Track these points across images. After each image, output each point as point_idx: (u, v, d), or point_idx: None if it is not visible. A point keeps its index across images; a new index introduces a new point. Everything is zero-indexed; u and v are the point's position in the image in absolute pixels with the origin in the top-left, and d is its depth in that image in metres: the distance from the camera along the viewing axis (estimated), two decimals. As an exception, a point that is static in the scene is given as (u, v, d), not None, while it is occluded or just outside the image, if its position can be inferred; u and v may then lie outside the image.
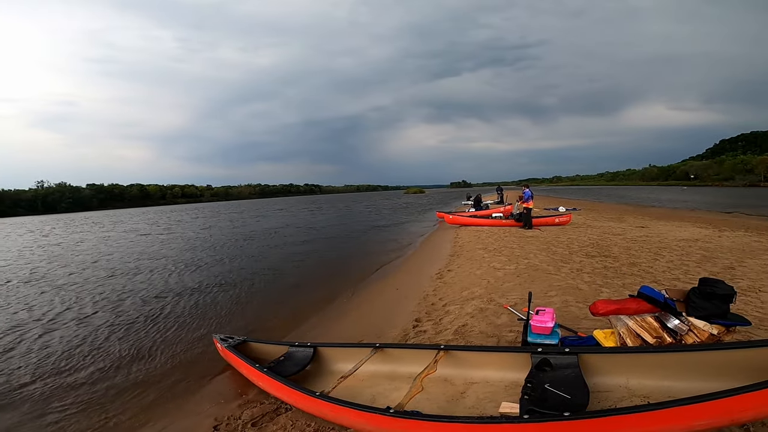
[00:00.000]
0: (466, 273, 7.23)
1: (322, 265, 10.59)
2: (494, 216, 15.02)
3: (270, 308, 6.76)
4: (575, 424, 1.87)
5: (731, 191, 58.90)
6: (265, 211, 44.48)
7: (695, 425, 1.78)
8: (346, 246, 14.00)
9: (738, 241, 9.00)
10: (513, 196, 22.69)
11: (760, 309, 4.32)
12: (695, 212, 21.08)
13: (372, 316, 5.76)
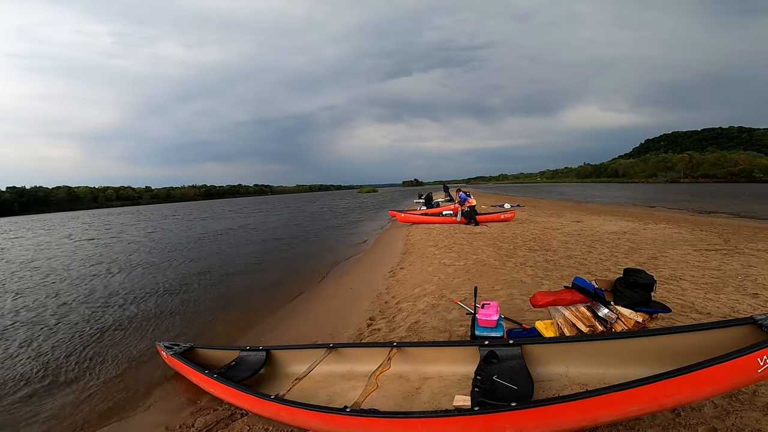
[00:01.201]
0: (418, 270, 7.39)
1: (274, 267, 10.34)
2: (444, 213, 15.45)
3: (219, 313, 6.52)
4: (521, 414, 1.98)
5: (655, 187, 64.91)
6: (213, 213, 42.58)
7: (629, 411, 1.93)
8: (298, 247, 13.77)
9: (660, 233, 9.94)
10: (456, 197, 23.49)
11: (680, 296, 4.80)
12: (623, 207, 22.99)
13: (326, 317, 5.73)
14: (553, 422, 1.99)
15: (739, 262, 6.47)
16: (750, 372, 1.82)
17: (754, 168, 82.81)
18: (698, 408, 2.43)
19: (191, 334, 5.63)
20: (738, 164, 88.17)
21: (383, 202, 45.61)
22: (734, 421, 2.29)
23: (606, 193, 44.16)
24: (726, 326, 2.19)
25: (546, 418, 1.98)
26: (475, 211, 13.82)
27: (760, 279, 5.39)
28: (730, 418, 2.32)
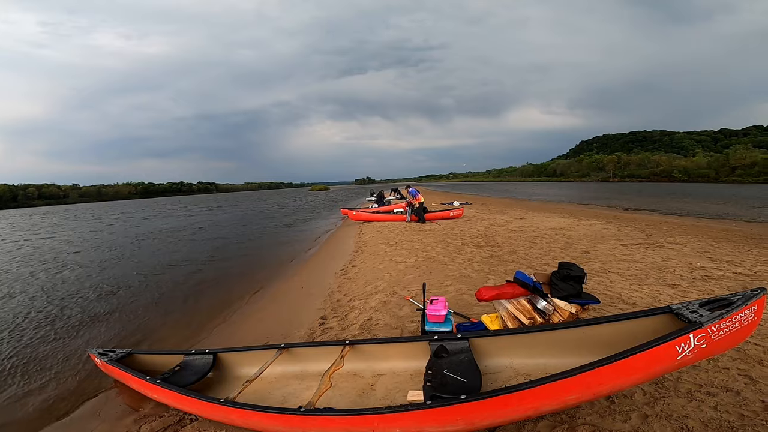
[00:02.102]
0: (369, 268, 7.44)
1: (222, 267, 9.94)
2: (396, 211, 15.65)
3: (161, 317, 6.18)
4: (471, 406, 2.06)
5: (588, 186, 69.92)
6: (154, 212, 40.01)
7: (567, 400, 2.05)
8: (247, 246, 13.33)
9: (592, 229, 10.75)
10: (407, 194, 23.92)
11: (609, 288, 5.23)
12: (561, 205, 24.54)
13: (277, 317, 5.62)
14: (501, 413, 2.09)
15: (660, 255, 7.16)
16: (670, 359, 1.99)
17: (674, 169, 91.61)
18: (630, 395, 2.65)
19: (131, 339, 5.31)
20: (660, 165, 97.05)
21: (335, 200, 45.30)
22: (662, 407, 2.51)
23: (546, 192, 46.92)
24: (647, 315, 2.40)
25: (494, 409, 2.07)
26: (425, 208, 14.14)
27: (678, 271, 6.00)
28: (658, 404, 2.55)
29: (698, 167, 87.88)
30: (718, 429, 2.28)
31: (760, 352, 3.18)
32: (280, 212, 29.42)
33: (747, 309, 2.02)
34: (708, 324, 1.97)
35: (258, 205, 42.21)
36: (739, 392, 2.63)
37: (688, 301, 2.31)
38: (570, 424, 2.41)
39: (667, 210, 19.47)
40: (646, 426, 2.35)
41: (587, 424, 2.40)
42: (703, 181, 78.18)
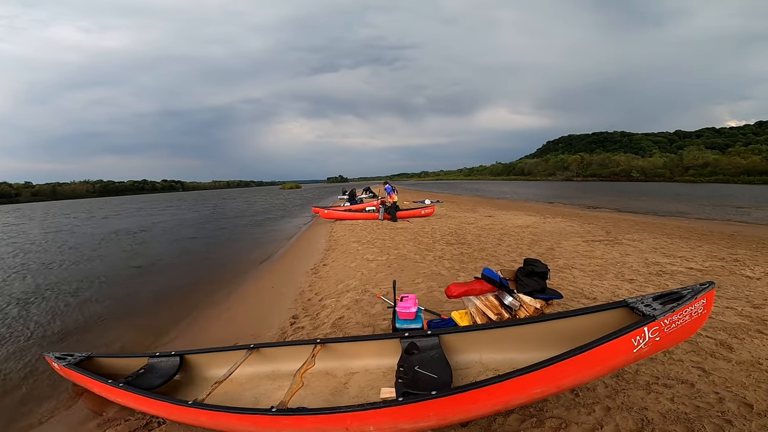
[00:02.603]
0: (341, 266, 7.43)
1: (189, 267, 9.66)
2: (368, 210, 15.66)
3: (125, 318, 5.96)
4: (442, 401, 2.10)
5: (554, 185, 72.40)
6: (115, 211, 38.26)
7: (533, 393, 2.12)
8: (216, 246, 13.00)
9: (557, 226, 11.15)
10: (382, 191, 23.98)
11: (572, 283, 5.45)
12: (528, 203, 25.29)
13: (247, 317, 5.53)
14: (471, 407, 2.14)
15: (618, 251, 7.52)
16: (627, 352, 2.08)
17: (632, 168, 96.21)
18: (593, 388, 2.77)
19: (91, 343, 5.09)
20: (619, 165, 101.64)
21: (307, 199, 44.81)
22: (623, 400, 2.63)
23: (514, 190, 48.21)
24: (605, 310, 2.51)
25: (465, 404, 2.11)
26: (397, 207, 14.23)
27: (635, 266, 6.33)
28: (619, 396, 2.67)
29: (655, 167, 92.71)
30: (676, 420, 2.40)
31: (712, 345, 3.37)
32: (249, 211, 28.80)
33: (696, 302, 2.15)
34: (661, 317, 2.08)
35: (227, 204, 41.14)
36: (694, 384, 2.77)
37: (642, 295, 2.44)
38: (538, 417, 2.50)
39: (626, 208, 20.44)
40: (608, 418, 2.45)
41: (554, 417, 2.49)
42: (659, 180, 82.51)
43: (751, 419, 2.38)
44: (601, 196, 33.02)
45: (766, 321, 3.89)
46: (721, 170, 76.89)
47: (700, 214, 16.92)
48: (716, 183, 66.46)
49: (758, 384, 2.75)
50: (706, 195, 32.18)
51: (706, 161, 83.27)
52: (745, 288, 5.04)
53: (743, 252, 7.42)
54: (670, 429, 2.32)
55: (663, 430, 2.32)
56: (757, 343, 3.41)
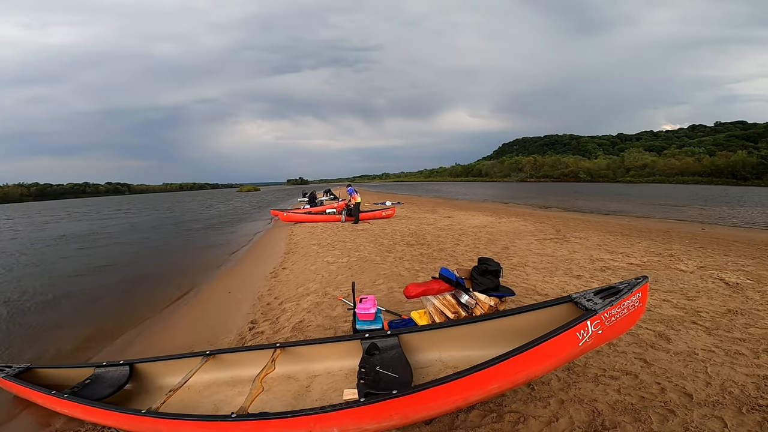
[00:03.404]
0: (301, 269, 7.34)
1: (139, 274, 9.13)
2: (328, 212, 15.55)
3: (67, 329, 5.56)
4: (404, 400, 2.13)
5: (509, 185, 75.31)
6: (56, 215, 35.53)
7: (490, 388, 2.19)
8: (168, 251, 12.40)
9: (511, 226, 11.61)
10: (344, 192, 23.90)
11: (526, 280, 5.70)
12: (485, 203, 26.14)
13: (202, 324, 5.34)
14: (432, 405, 2.18)
15: (567, 248, 7.95)
16: (573, 346, 2.20)
17: (580, 170, 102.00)
18: (547, 382, 2.91)
19: (32, 353, 4.75)
20: (568, 166, 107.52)
21: (266, 201, 43.73)
22: (575, 392, 2.77)
23: (472, 191, 49.66)
24: (553, 305, 2.65)
25: (426, 402, 2.15)
26: (359, 208, 14.25)
27: (582, 262, 6.72)
28: (571, 389, 2.81)
29: (599, 168, 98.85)
30: (623, 411, 2.54)
31: (651, 337, 3.62)
32: (205, 215, 27.70)
33: (633, 296, 2.32)
34: (601, 311, 2.23)
35: (180, 207, 39.32)
36: (637, 375, 2.96)
37: (585, 291, 2.60)
38: (498, 412, 2.59)
39: (574, 207, 21.65)
40: (563, 411, 2.58)
41: (513, 411, 2.59)
42: (603, 181, 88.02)
43: (692, 408, 2.52)
44: (552, 196, 34.79)
45: (700, 312, 4.22)
46: (658, 171, 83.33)
47: (639, 213, 18.25)
48: (654, 183, 71.89)
49: (695, 374, 2.95)
50: (644, 194, 34.75)
51: (645, 163, 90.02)
52: (679, 281, 5.49)
53: (677, 247, 8.08)
54: (618, 420, 2.45)
55: (612, 421, 2.44)
56: (692, 333, 3.68)
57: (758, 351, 3.28)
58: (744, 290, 5.01)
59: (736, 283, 5.33)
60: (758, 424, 2.35)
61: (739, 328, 3.79)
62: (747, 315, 4.12)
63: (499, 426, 2.47)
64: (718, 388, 2.75)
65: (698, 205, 22.83)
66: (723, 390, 2.72)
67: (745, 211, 19.14)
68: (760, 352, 3.25)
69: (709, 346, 3.41)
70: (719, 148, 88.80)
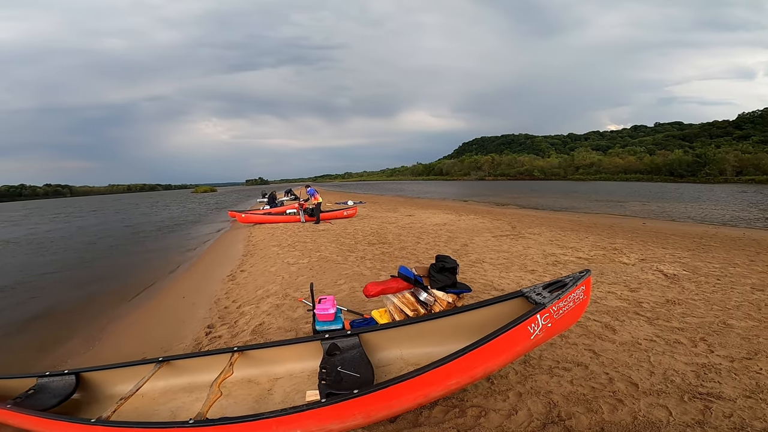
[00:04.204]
0: (260, 271, 7.17)
1: (83, 280, 8.55)
2: (289, 212, 15.26)
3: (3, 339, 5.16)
4: (366, 399, 2.14)
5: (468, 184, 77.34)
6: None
7: (450, 384, 2.23)
8: (117, 255, 11.74)
9: (470, 223, 11.93)
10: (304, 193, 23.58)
11: (483, 276, 5.87)
12: (445, 201, 26.68)
13: (154, 330, 5.11)
14: (395, 403, 2.21)
15: (522, 244, 8.28)
16: (525, 339, 2.28)
17: (534, 168, 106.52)
18: (505, 375, 3.00)
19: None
20: (524, 165, 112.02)
21: (223, 203, 42.23)
22: (532, 385, 2.88)
23: (434, 189, 50.56)
24: (506, 300, 2.76)
25: (388, 400, 2.17)
26: (320, 208, 14.10)
27: (536, 258, 7.02)
28: (528, 382, 2.92)
29: (552, 167, 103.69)
30: (577, 402, 2.66)
31: (599, 328, 3.83)
32: (156, 217, 26.35)
33: (577, 289, 2.45)
34: (549, 304, 2.34)
35: (129, 210, 37.17)
36: (587, 366, 3.11)
37: (535, 285, 2.72)
38: (460, 407, 2.66)
39: (528, 205, 22.60)
40: (521, 403, 2.67)
41: (475, 405, 2.67)
42: (555, 179, 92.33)
43: (639, 398, 2.68)
44: (509, 193, 36.12)
45: (641, 303, 4.52)
46: (604, 169, 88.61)
47: (587, 209, 19.33)
48: (600, 181, 76.26)
49: (640, 363, 3.13)
50: (592, 191, 36.80)
51: (592, 161, 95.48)
52: (622, 273, 5.87)
53: (621, 241, 8.63)
54: (573, 410, 2.57)
55: (567, 412, 2.55)
56: (635, 324, 3.92)
57: (695, 340, 3.53)
58: (681, 281, 5.43)
59: (674, 274, 5.77)
60: (700, 412, 2.49)
61: (677, 317, 4.08)
62: (684, 305, 4.46)
63: (462, 421, 2.53)
64: (661, 377, 2.93)
65: (639, 201, 24.51)
66: (666, 379, 2.89)
67: (681, 206, 20.78)
68: (697, 341, 3.50)
69: (650, 335, 3.64)
70: (658, 148, 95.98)
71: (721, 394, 2.67)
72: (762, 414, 2.46)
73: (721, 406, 2.54)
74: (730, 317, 4.05)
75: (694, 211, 17.91)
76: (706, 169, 67.65)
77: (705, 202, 23.38)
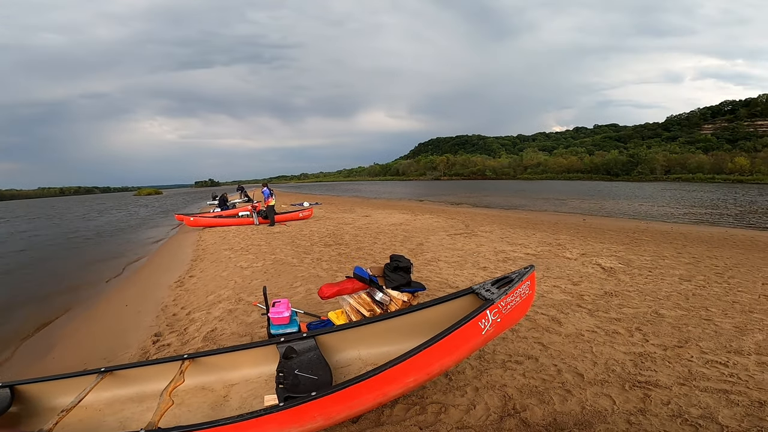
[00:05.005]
0: (211, 276, 6.89)
1: (16, 287, 7.81)
2: (241, 215, 14.75)
3: None
4: (324, 401, 2.13)
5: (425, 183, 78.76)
6: None
7: (407, 382, 2.26)
8: (51, 262, 10.79)
9: (425, 223, 12.16)
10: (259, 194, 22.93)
11: (439, 275, 6.01)
12: (401, 201, 27.00)
13: (96, 340, 4.79)
14: (354, 403, 2.21)
15: (475, 242, 8.57)
16: (477, 335, 2.35)
17: (486, 168, 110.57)
18: (462, 371, 3.09)
19: None
20: (477, 165, 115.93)
21: (169, 206, 40.02)
22: (488, 379, 2.98)
23: (390, 190, 50.98)
24: (458, 297, 2.84)
25: (347, 401, 2.17)
26: (274, 210, 13.76)
27: (488, 255, 7.28)
28: (484, 376, 3.02)
29: (502, 167, 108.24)
30: (529, 394, 2.79)
31: (546, 321, 4.03)
32: (94, 222, 24.50)
33: (523, 284, 2.57)
34: (497, 300, 2.44)
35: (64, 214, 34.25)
36: (537, 359, 3.26)
37: (484, 282, 2.82)
38: (421, 404, 2.71)
39: (481, 203, 23.40)
40: (479, 398, 2.76)
41: (435, 402, 2.73)
42: (506, 178, 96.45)
43: (585, 388, 2.83)
44: (463, 193, 37.22)
45: (583, 296, 4.82)
46: (549, 169, 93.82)
47: (535, 207, 20.34)
48: (547, 180, 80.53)
49: (584, 354, 3.32)
50: (539, 190, 38.78)
51: (539, 161, 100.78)
52: (566, 268, 6.23)
53: (564, 237, 9.16)
54: (526, 402, 2.69)
55: (522, 404, 2.67)
56: (578, 316, 4.17)
57: (632, 329, 3.80)
58: (617, 274, 5.86)
59: (611, 267, 6.22)
60: (641, 400, 2.67)
61: (615, 308, 4.39)
62: (620, 296, 4.81)
63: (423, 418, 2.58)
64: (603, 367, 3.12)
65: (580, 199, 26.16)
66: (608, 369, 3.09)
67: (617, 203, 22.41)
68: (633, 331, 3.77)
69: (592, 327, 3.88)
70: (597, 148, 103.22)
71: (657, 382, 2.87)
72: (696, 401, 2.64)
73: (659, 394, 2.73)
74: (661, 307, 4.41)
75: (628, 208, 19.39)
76: (639, 168, 73.67)
77: (637, 199, 25.41)
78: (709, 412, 2.53)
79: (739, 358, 3.20)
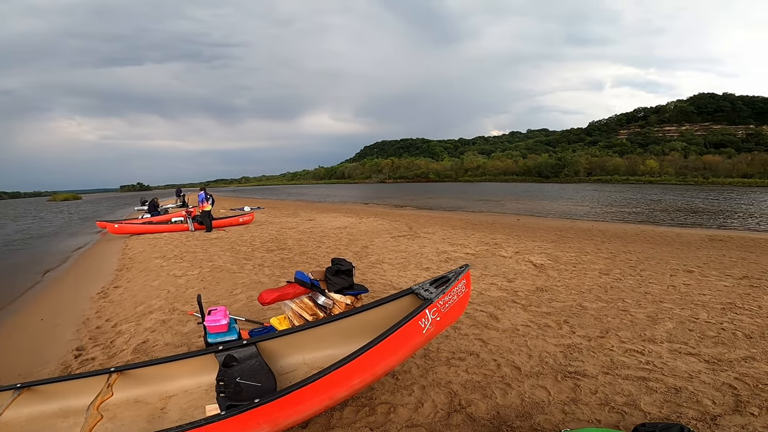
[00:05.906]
0: (139, 286, 6.42)
1: None
2: (174, 221, 13.83)
3: None
4: (269, 407, 2.08)
5: (370, 186, 79.22)
6: None
7: (353, 384, 2.26)
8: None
9: (370, 226, 12.25)
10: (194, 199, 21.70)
11: (383, 276, 6.08)
12: (346, 204, 26.96)
13: (8, 358, 4.30)
14: (300, 408, 2.17)
15: (418, 244, 8.78)
16: (418, 334, 2.40)
17: (430, 171, 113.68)
18: (408, 371, 3.14)
19: None
20: (420, 168, 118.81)
21: (91, 212, 36.49)
22: (434, 377, 3.04)
23: (335, 193, 50.65)
24: (399, 298, 2.91)
25: (293, 406, 2.14)
26: (211, 215, 13.08)
27: (430, 256, 7.49)
28: (429, 374, 3.08)
29: (445, 170, 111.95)
30: (473, 389, 2.88)
31: (485, 318, 4.22)
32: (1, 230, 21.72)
33: (459, 283, 2.68)
34: (436, 299, 2.53)
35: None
36: (479, 354, 3.39)
37: (423, 282, 2.90)
38: (370, 405, 2.72)
39: (424, 206, 24.03)
40: (426, 396, 2.82)
41: (384, 402, 2.75)
42: (448, 181, 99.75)
43: (522, 380, 2.97)
44: (407, 195, 37.96)
45: (517, 292, 5.11)
46: (488, 171, 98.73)
47: (474, 208, 21.29)
48: (485, 182, 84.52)
49: (520, 348, 3.50)
50: (478, 192, 40.62)
51: (479, 164, 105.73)
52: (502, 266, 6.58)
53: (500, 236, 9.68)
54: (471, 398, 2.78)
55: (467, 400, 2.75)
56: (513, 312, 4.39)
57: (560, 322, 4.07)
58: (546, 270, 6.29)
59: (541, 264, 6.67)
60: (572, 390, 2.84)
61: (545, 303, 4.69)
62: (549, 291, 5.16)
63: (373, 419, 2.59)
64: (537, 359, 3.30)
65: (515, 199, 27.80)
66: (541, 361, 3.27)
67: (546, 203, 24.09)
68: (562, 323, 4.04)
69: (526, 321, 4.11)
70: (530, 152, 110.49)
71: (585, 372, 3.08)
72: (620, 389, 2.84)
73: (587, 384, 2.92)
74: (584, 300, 4.79)
75: (556, 208, 20.93)
76: (566, 170, 79.93)
77: (563, 199, 27.50)
78: (632, 400, 2.70)
79: (653, 346, 3.49)
